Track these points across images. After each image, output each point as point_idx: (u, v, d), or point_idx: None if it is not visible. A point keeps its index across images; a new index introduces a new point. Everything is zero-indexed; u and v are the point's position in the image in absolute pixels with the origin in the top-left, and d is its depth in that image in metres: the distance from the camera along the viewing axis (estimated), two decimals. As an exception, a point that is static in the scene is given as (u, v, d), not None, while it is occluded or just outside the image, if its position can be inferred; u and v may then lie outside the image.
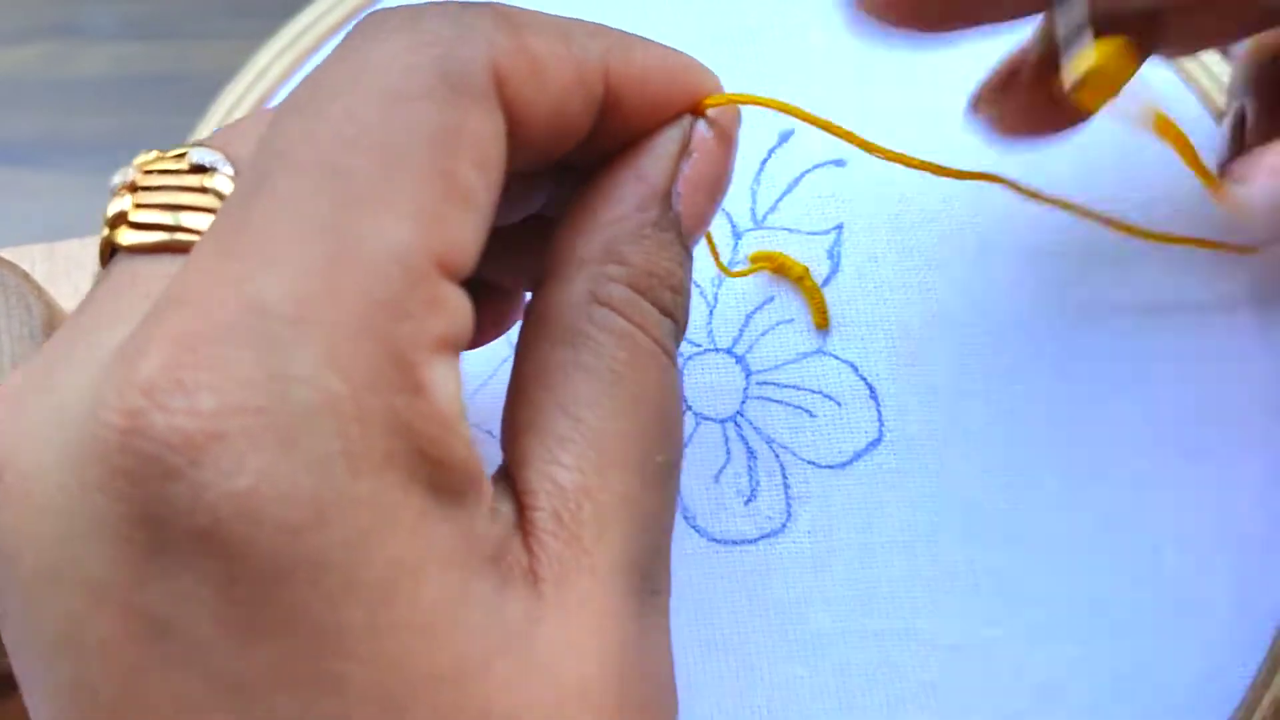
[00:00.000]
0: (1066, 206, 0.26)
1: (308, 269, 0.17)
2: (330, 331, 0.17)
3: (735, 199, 0.34)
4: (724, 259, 0.33)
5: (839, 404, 0.32)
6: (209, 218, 0.20)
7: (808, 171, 0.34)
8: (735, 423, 0.32)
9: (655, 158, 0.23)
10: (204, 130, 0.37)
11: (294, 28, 0.38)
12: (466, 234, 0.19)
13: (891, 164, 0.33)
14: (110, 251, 0.21)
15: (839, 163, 0.34)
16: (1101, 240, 0.31)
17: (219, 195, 0.20)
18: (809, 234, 0.33)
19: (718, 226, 0.34)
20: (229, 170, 0.20)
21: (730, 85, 0.36)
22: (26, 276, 0.27)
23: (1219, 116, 0.33)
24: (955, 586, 0.30)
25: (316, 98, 0.19)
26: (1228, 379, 0.31)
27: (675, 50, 0.23)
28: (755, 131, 0.35)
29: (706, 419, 0.32)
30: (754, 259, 0.33)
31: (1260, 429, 0.31)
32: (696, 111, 0.23)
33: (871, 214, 0.33)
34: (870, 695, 0.29)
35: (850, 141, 0.24)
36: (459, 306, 0.18)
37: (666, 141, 0.23)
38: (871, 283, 0.33)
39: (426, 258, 0.18)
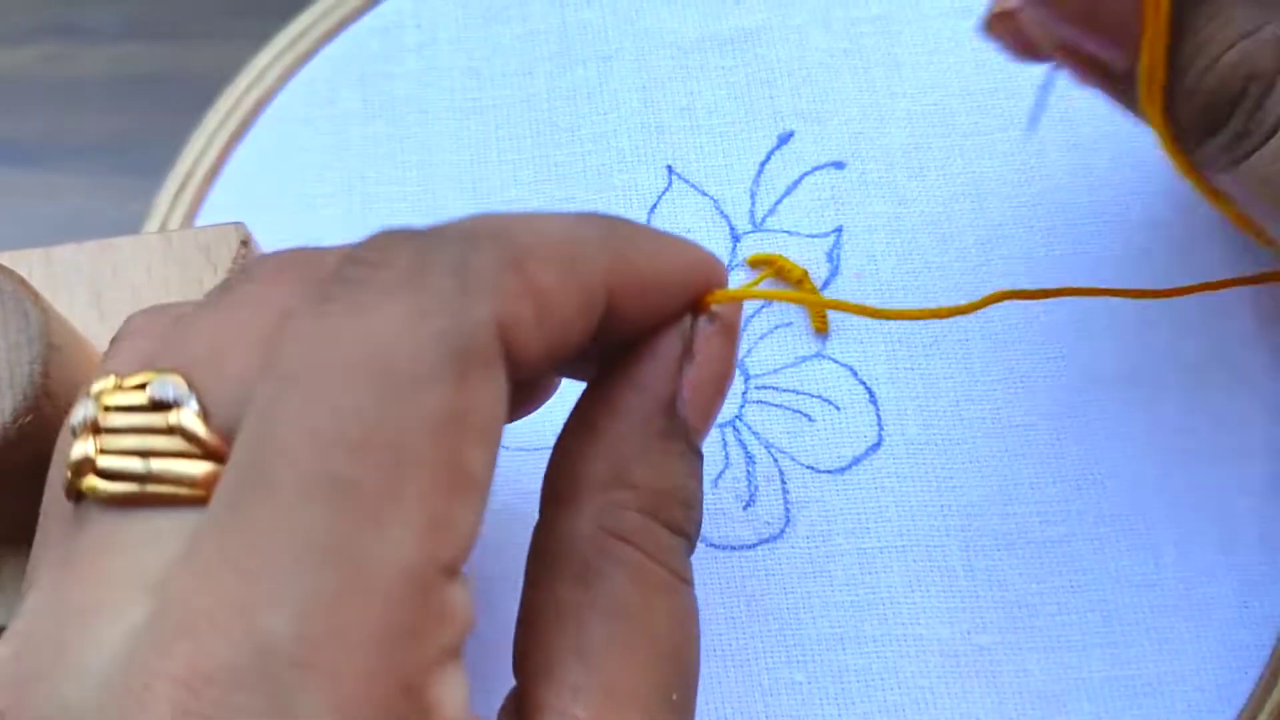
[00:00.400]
0: (1075, 293, 0.26)
1: (314, 599, 0.17)
2: (337, 674, 0.17)
3: (734, 201, 0.34)
4: (723, 261, 0.32)
5: (838, 408, 0.31)
6: (181, 463, 0.19)
7: (807, 174, 0.34)
8: (734, 427, 0.31)
9: (656, 366, 0.22)
10: (201, 136, 0.37)
11: (293, 29, 0.38)
12: (471, 521, 0.18)
13: (891, 166, 0.34)
14: (77, 494, 0.20)
15: (838, 165, 0.34)
16: (1099, 244, 0.31)
17: (188, 435, 0.19)
18: (808, 237, 0.33)
19: (716, 229, 0.33)
20: (194, 406, 0.19)
21: (730, 86, 0.36)
22: (23, 282, 0.27)
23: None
24: (954, 592, 0.30)
25: (313, 372, 0.18)
26: (1228, 381, 0.31)
27: (680, 241, 0.23)
28: (754, 133, 0.34)
29: (705, 423, 0.32)
30: (753, 262, 0.33)
31: (1260, 431, 0.31)
32: (699, 307, 0.23)
33: (871, 217, 0.33)
34: (869, 701, 0.29)
35: (868, 315, 0.24)
36: (463, 606, 0.18)
37: (667, 347, 0.22)
38: (871, 286, 0.32)
39: (435, 568, 0.18)
